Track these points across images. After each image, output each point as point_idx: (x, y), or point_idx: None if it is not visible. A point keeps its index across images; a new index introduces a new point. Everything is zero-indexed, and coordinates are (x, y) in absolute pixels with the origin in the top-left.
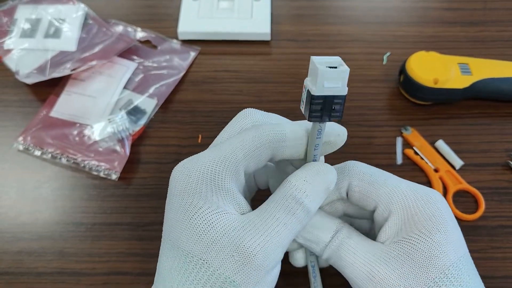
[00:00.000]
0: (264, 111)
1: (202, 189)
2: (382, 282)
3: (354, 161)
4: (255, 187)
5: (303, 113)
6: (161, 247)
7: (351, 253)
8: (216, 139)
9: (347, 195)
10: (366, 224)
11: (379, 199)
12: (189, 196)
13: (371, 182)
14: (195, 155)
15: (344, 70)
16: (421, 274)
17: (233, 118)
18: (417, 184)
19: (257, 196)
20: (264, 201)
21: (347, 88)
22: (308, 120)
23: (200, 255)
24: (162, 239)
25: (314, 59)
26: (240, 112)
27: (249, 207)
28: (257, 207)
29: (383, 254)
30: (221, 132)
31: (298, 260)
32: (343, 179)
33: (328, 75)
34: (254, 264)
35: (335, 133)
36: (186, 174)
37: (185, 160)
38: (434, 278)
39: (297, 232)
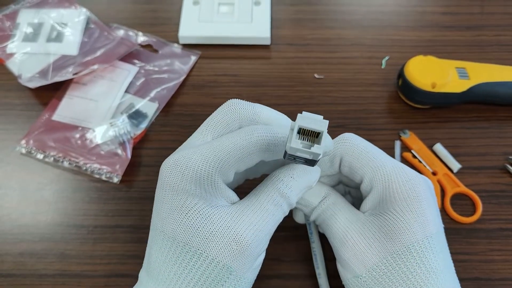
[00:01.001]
0: None
1: (196, 188)
2: (352, 247)
3: (349, 133)
4: (243, 179)
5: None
6: (150, 238)
7: (333, 218)
8: (200, 127)
9: (339, 168)
10: (359, 193)
11: (364, 174)
12: (183, 193)
13: (360, 158)
14: (185, 150)
15: (323, 122)
16: (386, 246)
17: (219, 108)
18: (405, 166)
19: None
20: (251, 189)
21: (328, 135)
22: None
23: (198, 246)
24: (151, 230)
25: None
26: (225, 103)
27: (237, 197)
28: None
29: (358, 223)
30: (206, 120)
31: (299, 217)
32: (336, 153)
33: (308, 120)
34: (248, 251)
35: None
36: (179, 172)
37: (176, 155)
38: (398, 251)
39: (279, 221)
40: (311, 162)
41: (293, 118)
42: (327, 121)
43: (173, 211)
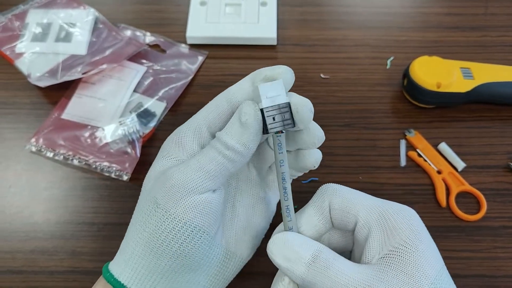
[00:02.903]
0: None
1: (168, 146)
2: None
3: (331, 183)
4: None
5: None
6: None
7: (343, 275)
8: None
9: (330, 216)
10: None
11: (359, 214)
12: (160, 152)
13: (349, 199)
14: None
15: (279, 81)
16: (414, 286)
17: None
18: (389, 201)
19: None
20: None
21: (287, 97)
22: (266, 133)
23: (145, 187)
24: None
25: (259, 87)
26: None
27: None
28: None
29: (375, 272)
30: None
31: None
32: (324, 199)
33: (268, 88)
34: (171, 183)
35: (311, 142)
36: (166, 140)
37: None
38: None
39: (220, 163)
40: (287, 109)
41: None
42: (280, 81)
43: (151, 168)
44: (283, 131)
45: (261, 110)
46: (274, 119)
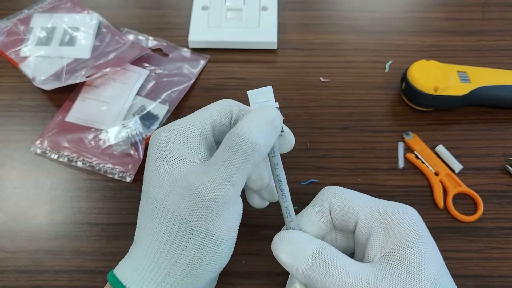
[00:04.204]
0: None
1: (169, 142)
2: None
3: (331, 185)
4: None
5: None
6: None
7: (344, 272)
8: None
9: (330, 216)
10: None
11: (359, 214)
12: (158, 149)
13: (349, 199)
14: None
15: (268, 88)
16: (416, 286)
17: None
18: (389, 201)
19: None
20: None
21: (277, 103)
22: None
23: (162, 200)
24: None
25: (248, 92)
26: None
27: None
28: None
29: (377, 270)
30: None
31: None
32: (324, 200)
33: (258, 94)
34: (203, 202)
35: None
36: (159, 134)
37: (161, 126)
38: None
39: (246, 168)
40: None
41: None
42: (270, 87)
43: (148, 168)
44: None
45: None
46: None
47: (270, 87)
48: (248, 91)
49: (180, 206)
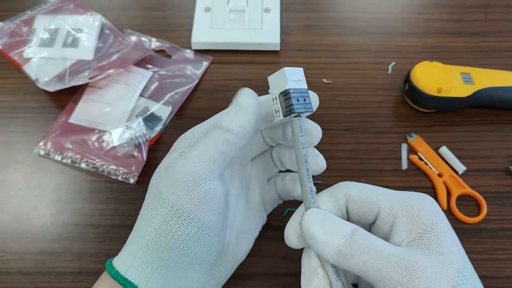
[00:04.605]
0: None
1: (181, 144)
2: (422, 270)
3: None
4: (278, 199)
5: (282, 117)
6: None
7: (383, 249)
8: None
9: (346, 212)
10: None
11: (381, 204)
12: (171, 149)
13: (369, 190)
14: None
15: (300, 68)
16: (449, 265)
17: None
18: (405, 191)
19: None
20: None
21: (306, 83)
22: (288, 115)
23: (156, 185)
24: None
25: (285, 69)
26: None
27: None
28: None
29: (410, 250)
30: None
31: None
32: (340, 192)
33: (292, 72)
34: (173, 176)
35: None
36: (178, 141)
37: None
38: (458, 268)
39: (217, 146)
40: (307, 94)
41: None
42: (301, 68)
43: (158, 168)
44: (300, 115)
45: (287, 91)
46: (298, 100)
47: (301, 68)
48: (284, 68)
49: (157, 181)
